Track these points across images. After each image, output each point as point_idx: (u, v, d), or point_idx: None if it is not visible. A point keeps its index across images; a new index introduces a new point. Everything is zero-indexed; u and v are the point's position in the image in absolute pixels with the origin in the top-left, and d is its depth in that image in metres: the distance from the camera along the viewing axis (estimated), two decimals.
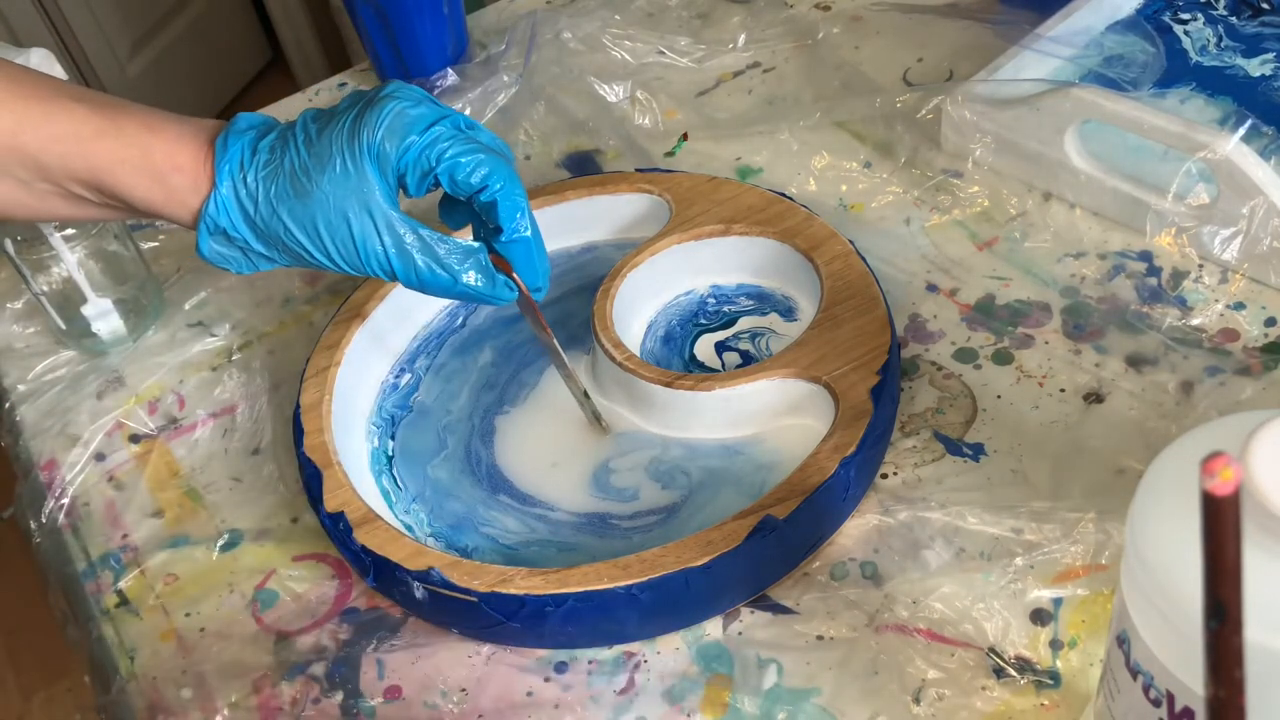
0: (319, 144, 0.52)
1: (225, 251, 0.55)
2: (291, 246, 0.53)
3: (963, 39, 0.82)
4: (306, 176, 0.52)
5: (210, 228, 0.53)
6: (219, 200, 0.52)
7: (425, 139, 0.52)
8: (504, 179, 0.54)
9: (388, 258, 0.53)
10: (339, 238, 0.52)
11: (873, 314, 0.62)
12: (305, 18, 2.20)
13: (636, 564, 0.53)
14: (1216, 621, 0.28)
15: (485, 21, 0.93)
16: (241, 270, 0.56)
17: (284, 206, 0.52)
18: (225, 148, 0.52)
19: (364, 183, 0.52)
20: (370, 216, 0.52)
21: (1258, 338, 0.62)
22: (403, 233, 0.53)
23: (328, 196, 0.52)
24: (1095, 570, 0.53)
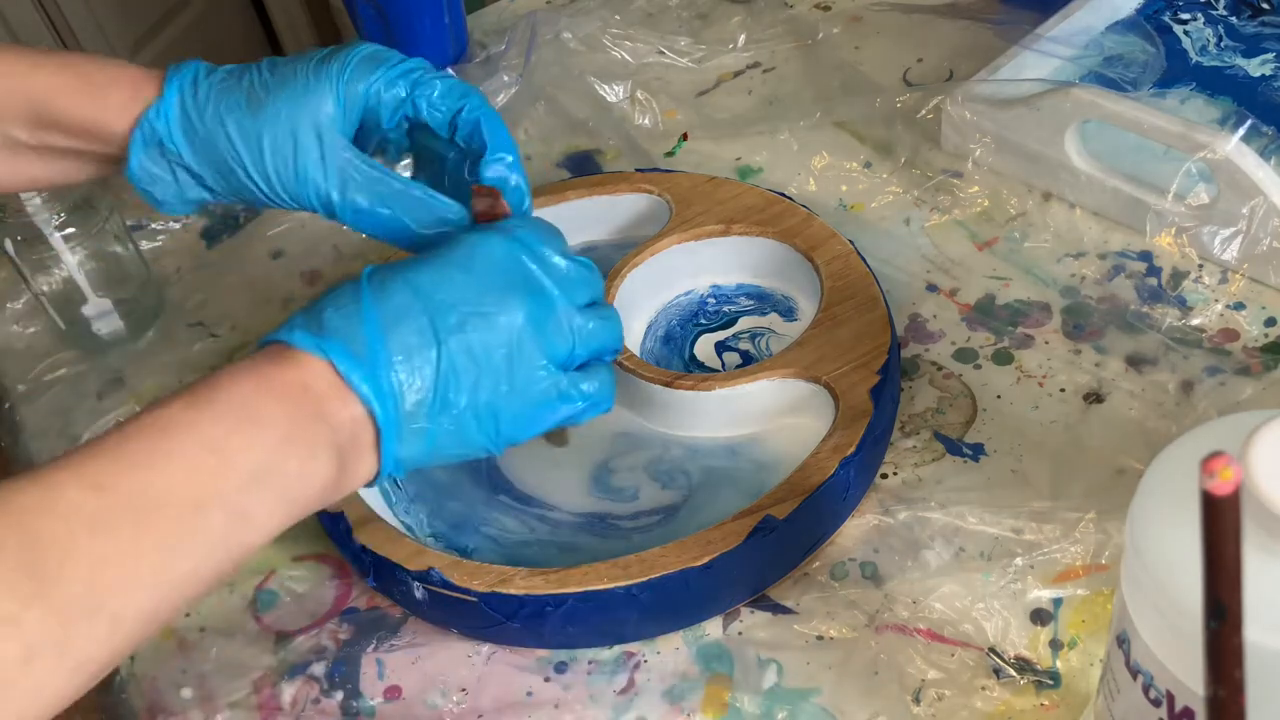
0: (283, 68, 0.50)
1: (154, 170, 0.51)
2: (230, 162, 0.50)
3: (963, 39, 0.82)
4: (265, 91, 0.49)
5: (145, 136, 0.50)
6: (162, 107, 0.49)
7: (397, 70, 0.51)
8: (482, 102, 0.52)
9: (326, 187, 0.50)
10: (281, 157, 0.49)
11: (873, 314, 0.62)
12: (305, 18, 2.20)
13: (636, 564, 0.53)
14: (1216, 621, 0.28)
15: (485, 21, 0.93)
16: (166, 200, 0.52)
17: (231, 117, 0.49)
18: (179, 67, 0.50)
19: (321, 106, 0.49)
20: (319, 140, 0.49)
21: (1258, 338, 0.62)
22: (348, 160, 0.50)
23: (279, 112, 0.49)
24: (1095, 570, 0.53)
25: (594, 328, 0.49)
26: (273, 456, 0.41)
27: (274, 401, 0.42)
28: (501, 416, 0.47)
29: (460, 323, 0.45)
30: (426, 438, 0.45)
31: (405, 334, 0.45)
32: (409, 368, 0.44)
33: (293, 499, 0.42)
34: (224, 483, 0.40)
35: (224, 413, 0.41)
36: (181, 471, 0.40)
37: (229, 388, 0.42)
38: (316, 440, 0.43)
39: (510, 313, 0.46)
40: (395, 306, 0.45)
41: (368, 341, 0.44)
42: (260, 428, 0.42)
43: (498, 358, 0.46)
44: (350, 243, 0.77)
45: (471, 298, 0.46)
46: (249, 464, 0.41)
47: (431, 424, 0.45)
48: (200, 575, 0.40)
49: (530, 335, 0.47)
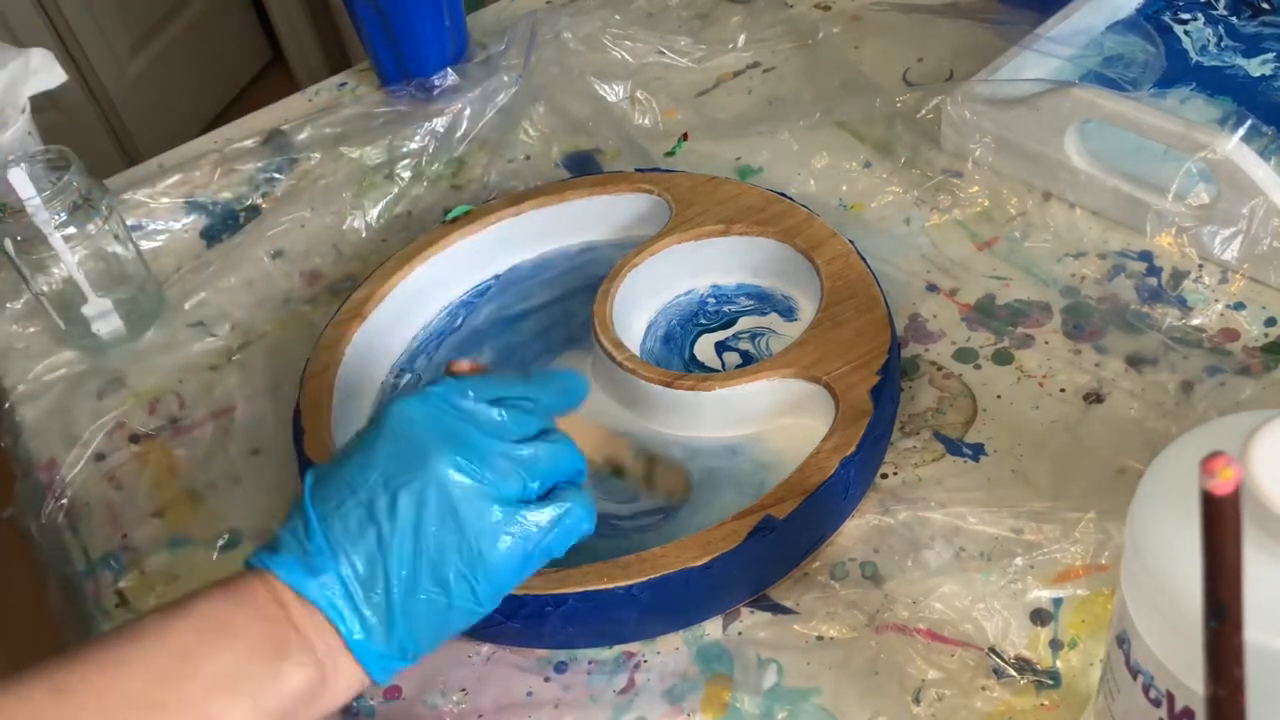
0: None
1: None
2: None
3: (963, 39, 0.82)
4: None
5: None
6: None
7: None
8: None
9: None
10: None
11: (873, 314, 0.62)
12: (305, 18, 2.20)
13: (636, 564, 0.53)
14: (1216, 621, 0.28)
15: (485, 21, 0.93)
16: None
17: None
18: None
19: None
20: None
21: (1258, 338, 0.62)
22: None
23: None
24: (1095, 570, 0.53)
25: (537, 454, 0.47)
26: (241, 663, 0.42)
27: (244, 611, 0.43)
28: (472, 574, 0.45)
29: (391, 501, 0.44)
30: (402, 622, 0.45)
31: (344, 530, 0.44)
32: (353, 563, 0.44)
33: (264, 707, 0.42)
34: (188, 687, 0.41)
35: (195, 623, 0.42)
36: (145, 675, 0.41)
37: (203, 601, 0.43)
38: (288, 647, 0.43)
39: (435, 470, 0.45)
40: (332, 508, 0.45)
41: (312, 551, 0.44)
42: (230, 636, 0.42)
43: (441, 521, 0.45)
44: (350, 243, 0.77)
45: (394, 471, 0.45)
46: (215, 669, 0.42)
47: (400, 608, 0.44)
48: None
49: (463, 484, 0.45)
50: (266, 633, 0.43)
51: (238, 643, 0.42)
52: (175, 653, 0.41)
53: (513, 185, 0.78)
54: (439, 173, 0.81)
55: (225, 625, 0.43)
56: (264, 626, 0.43)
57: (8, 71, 0.78)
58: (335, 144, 0.83)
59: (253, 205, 0.81)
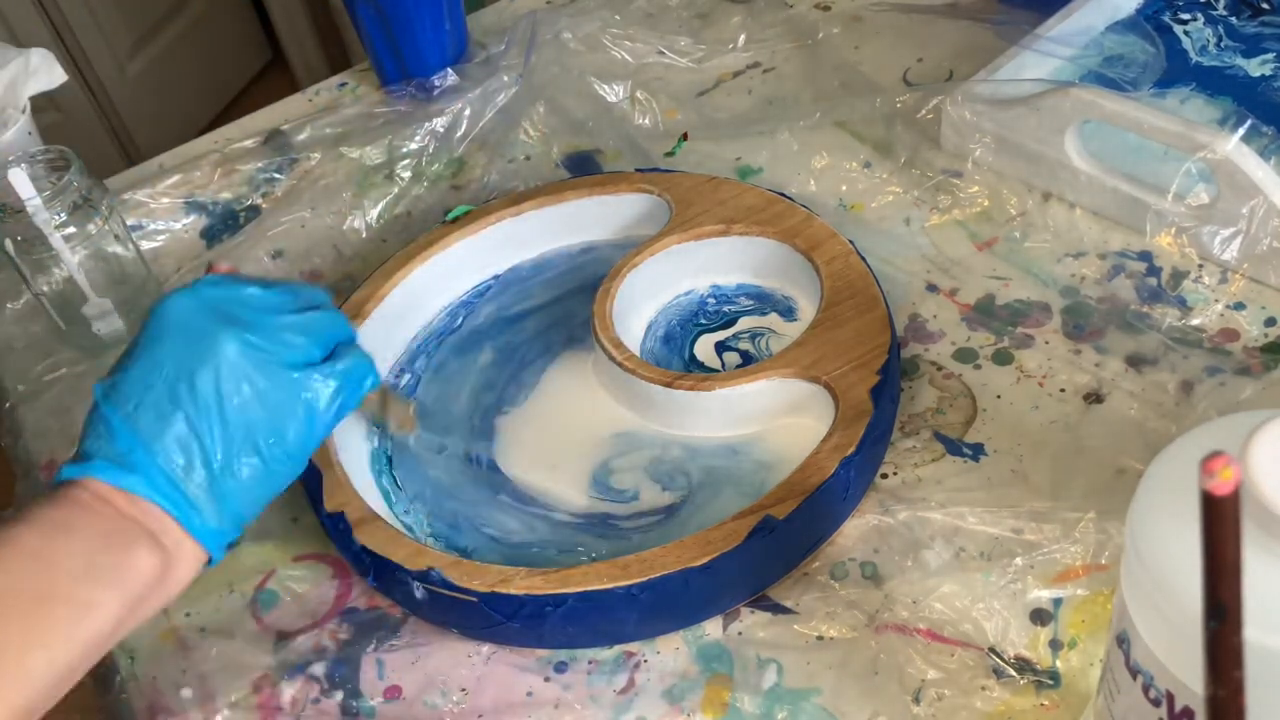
0: None
1: None
2: None
3: (963, 39, 0.82)
4: None
5: None
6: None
7: None
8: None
9: None
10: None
11: (873, 314, 0.62)
12: (305, 18, 2.20)
13: (636, 564, 0.53)
14: (1216, 621, 0.28)
15: (485, 21, 0.93)
16: None
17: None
18: None
19: None
20: None
21: (1258, 338, 0.62)
22: None
23: None
24: (1095, 570, 0.53)
25: (311, 319, 0.51)
26: (94, 554, 0.44)
27: (78, 514, 0.45)
28: (281, 437, 0.49)
29: (201, 383, 0.47)
30: (229, 497, 0.48)
31: (158, 424, 0.47)
32: (183, 452, 0.47)
33: (122, 585, 0.45)
34: (55, 580, 0.43)
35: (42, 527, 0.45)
36: (15, 575, 0.43)
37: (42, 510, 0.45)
38: (127, 535, 0.45)
39: (224, 350, 0.48)
40: (131, 408, 0.47)
41: (126, 449, 0.46)
42: (74, 533, 0.45)
43: (241, 395, 0.48)
44: (350, 243, 0.77)
45: (185, 360, 0.48)
46: (72, 563, 0.44)
47: (224, 484, 0.47)
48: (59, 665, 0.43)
49: (253, 356, 0.48)
50: (106, 528, 0.45)
51: (82, 539, 0.45)
52: (33, 553, 0.44)
53: (513, 185, 0.78)
54: (439, 173, 0.81)
55: (65, 527, 0.45)
56: (103, 523, 0.45)
57: (8, 71, 0.78)
58: (335, 144, 0.83)
59: (253, 205, 0.81)
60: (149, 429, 0.47)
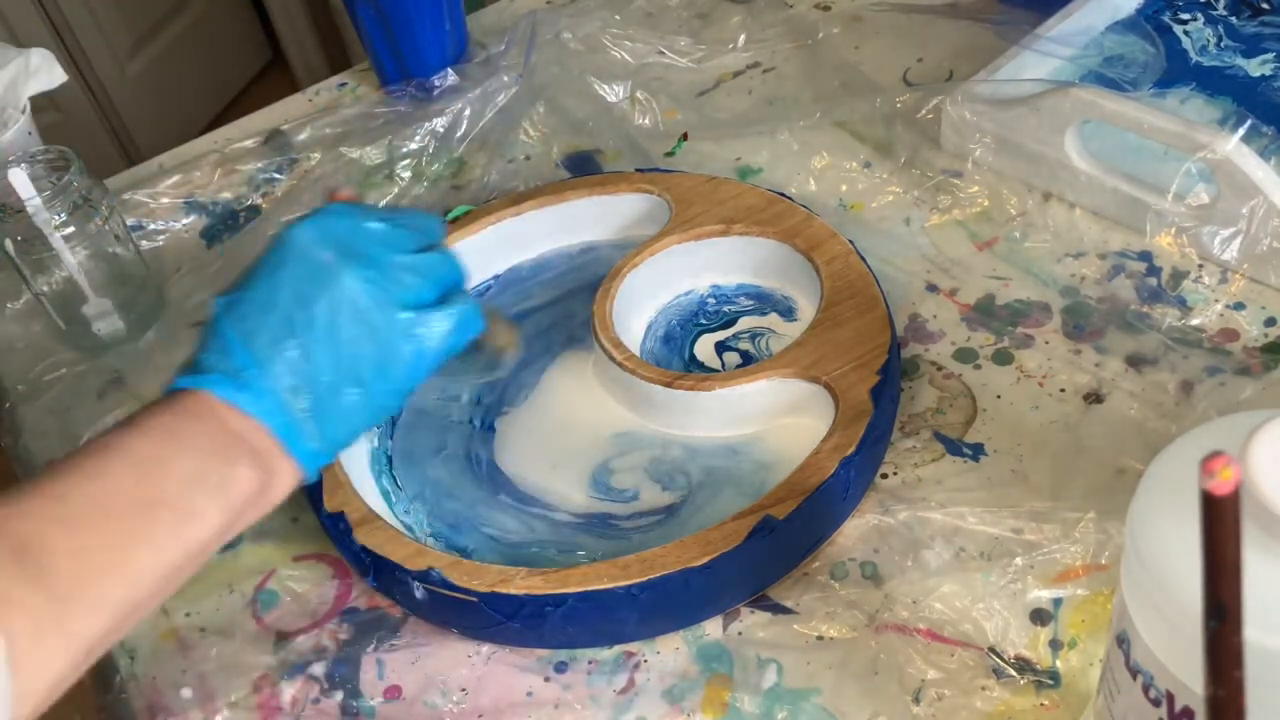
0: None
1: None
2: None
3: (963, 39, 0.82)
4: None
5: None
6: None
7: None
8: None
9: None
10: None
11: (873, 314, 0.62)
12: (305, 18, 2.20)
13: (636, 564, 0.53)
14: (1216, 621, 0.28)
15: (485, 21, 0.93)
16: None
17: None
18: None
19: None
20: None
21: (1257, 338, 0.62)
22: None
23: None
24: (1095, 570, 0.53)
25: (428, 261, 0.52)
26: (201, 465, 0.46)
27: (189, 424, 0.47)
28: (386, 373, 0.50)
29: (318, 313, 0.49)
30: (330, 423, 0.49)
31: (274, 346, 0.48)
32: (294, 376, 0.48)
33: (228, 499, 0.47)
34: (164, 486, 0.45)
35: (151, 436, 0.46)
36: (127, 479, 0.45)
37: (148, 419, 0.47)
38: (234, 451, 0.47)
39: (344, 284, 0.50)
40: (250, 328, 0.49)
41: (242, 367, 0.48)
42: (183, 443, 0.46)
43: (354, 328, 0.49)
44: None
45: (304, 289, 0.49)
46: (181, 471, 0.46)
47: (327, 410, 0.49)
48: (161, 567, 0.45)
49: (370, 293, 0.50)
50: (214, 441, 0.47)
51: (191, 449, 0.46)
52: (144, 460, 0.45)
53: (513, 185, 0.78)
54: (439, 173, 0.81)
55: (177, 436, 0.46)
56: (210, 436, 0.47)
57: (8, 71, 0.78)
58: (335, 144, 0.83)
59: (253, 205, 0.81)
60: (264, 350, 0.48)
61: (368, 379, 0.50)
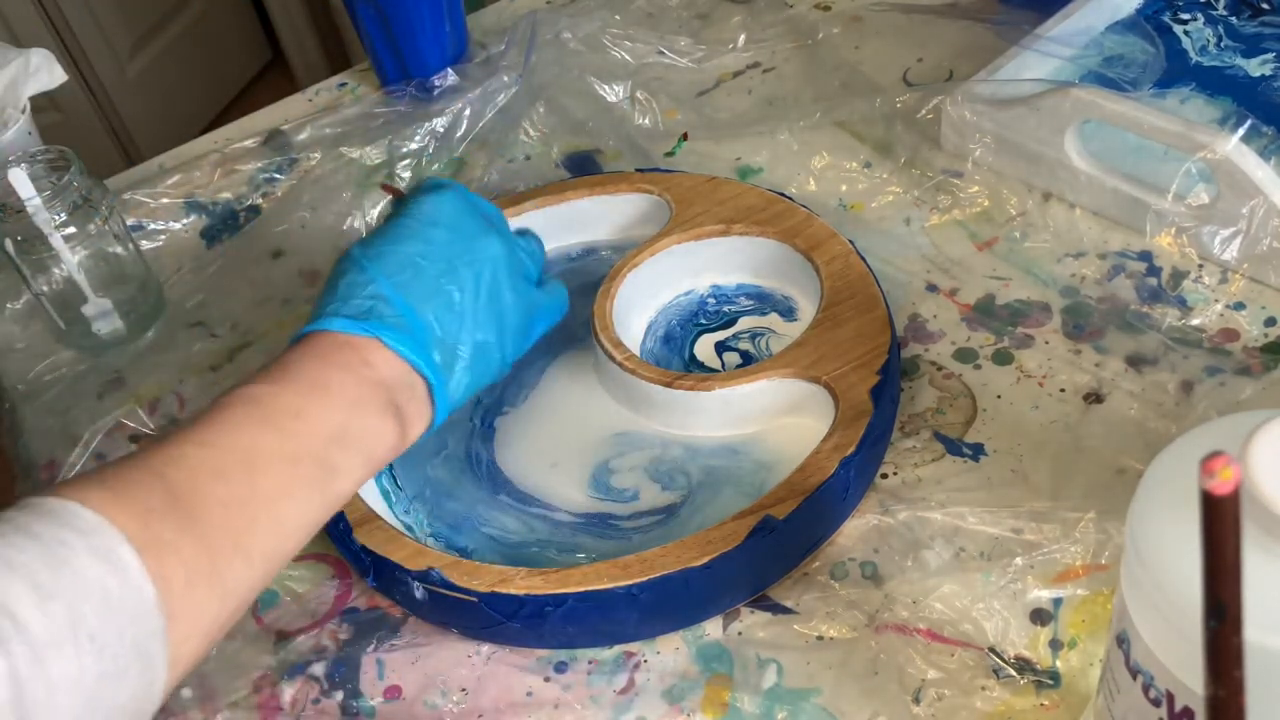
0: None
1: None
2: None
3: (963, 39, 0.82)
4: None
5: None
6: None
7: None
8: None
9: None
10: None
11: (873, 314, 0.62)
12: (305, 18, 2.20)
13: (636, 564, 0.53)
14: (1216, 621, 0.28)
15: (485, 21, 0.93)
16: None
17: None
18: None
19: None
20: None
21: (1258, 338, 0.62)
22: None
23: None
24: (1095, 570, 0.53)
25: (535, 248, 0.60)
26: (346, 418, 0.48)
27: (337, 373, 0.48)
28: (513, 335, 0.55)
29: (466, 275, 0.53)
30: (466, 377, 0.53)
31: (427, 301, 0.51)
32: (442, 330, 0.51)
33: (368, 452, 0.48)
34: (310, 441, 0.46)
35: (300, 386, 0.48)
36: (274, 431, 0.46)
37: (300, 366, 0.48)
38: (378, 402, 0.49)
39: (493, 251, 0.54)
40: (406, 280, 0.51)
41: (403, 316, 0.50)
42: (331, 395, 0.48)
43: (498, 292, 0.54)
44: (350, 243, 0.77)
45: (460, 250, 0.53)
46: (327, 425, 0.47)
47: (466, 368, 0.53)
48: (302, 520, 0.46)
49: (508, 264, 0.55)
50: (362, 392, 0.48)
51: (338, 400, 0.48)
52: (291, 412, 0.46)
53: (513, 185, 0.78)
54: (439, 173, 0.81)
55: (325, 387, 0.48)
56: (357, 387, 0.48)
57: (8, 71, 0.78)
58: (335, 144, 0.83)
59: (253, 205, 0.81)
60: (421, 302, 0.51)
61: (500, 340, 0.54)
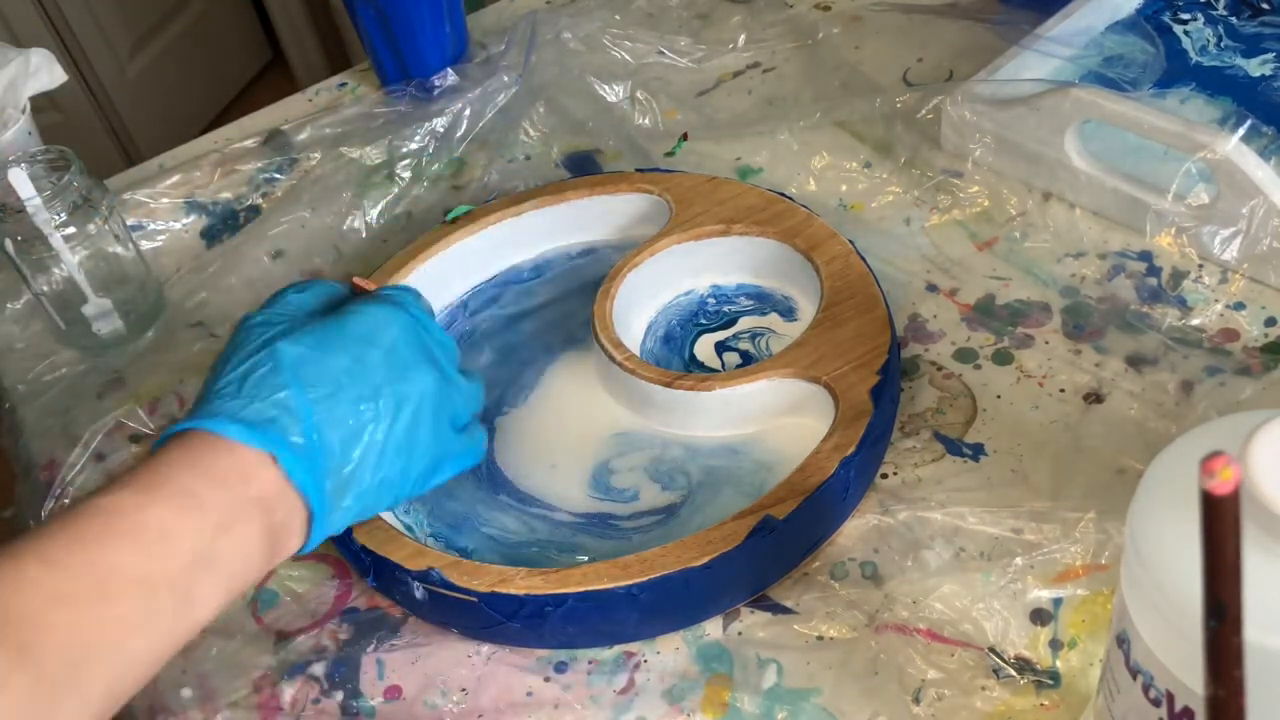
0: None
1: None
2: None
3: (963, 39, 0.82)
4: None
5: None
6: None
7: None
8: None
9: None
10: None
11: (873, 314, 0.62)
12: (305, 18, 2.20)
13: (636, 564, 0.53)
14: (1216, 621, 0.28)
15: (485, 21, 0.93)
16: None
17: None
18: None
19: None
20: None
21: (1258, 338, 0.62)
22: None
23: None
24: (1095, 570, 0.53)
25: (474, 389, 0.55)
26: (213, 541, 0.44)
27: (214, 489, 0.44)
28: (419, 473, 0.51)
29: (386, 405, 0.49)
30: (354, 509, 0.49)
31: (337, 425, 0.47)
32: (343, 457, 0.47)
33: (230, 579, 0.45)
34: (171, 565, 0.42)
35: (168, 498, 0.43)
36: (132, 551, 0.42)
37: (170, 475, 0.44)
38: (251, 524, 0.45)
39: (423, 385, 0.51)
40: (322, 395, 0.47)
41: (306, 436, 0.46)
42: (203, 513, 0.44)
43: (415, 428, 0.50)
44: (350, 243, 0.77)
45: (391, 376, 0.50)
46: (192, 548, 0.43)
47: (357, 500, 0.49)
48: (152, 654, 0.42)
49: (434, 401, 0.51)
50: (235, 511, 0.44)
51: (209, 520, 0.44)
52: (157, 531, 0.42)
53: (513, 185, 0.78)
54: (439, 173, 0.81)
55: (198, 503, 0.44)
56: (232, 504, 0.44)
57: (8, 71, 0.78)
58: (335, 144, 0.83)
59: (253, 205, 0.81)
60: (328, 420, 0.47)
61: (399, 483, 0.50)
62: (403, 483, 0.51)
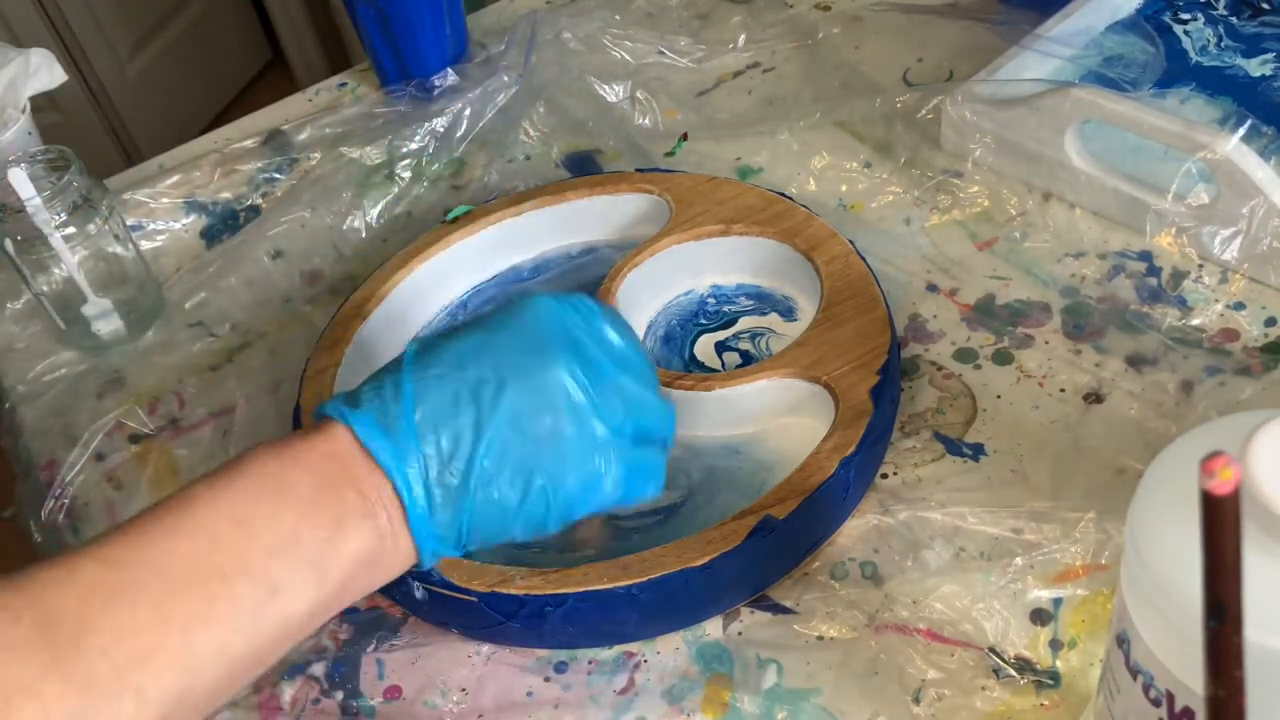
0: None
1: None
2: None
3: (963, 39, 0.82)
4: None
5: None
6: None
7: None
8: None
9: None
10: None
11: (873, 314, 0.62)
12: (305, 18, 2.20)
13: (636, 564, 0.53)
14: (1216, 621, 0.28)
15: (485, 21, 0.93)
16: None
17: None
18: None
19: None
20: None
21: (1258, 338, 0.62)
22: None
23: None
24: (1095, 570, 0.53)
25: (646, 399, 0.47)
26: (299, 523, 0.40)
27: (299, 470, 0.41)
28: (554, 485, 0.44)
29: (500, 386, 0.43)
30: (467, 511, 0.43)
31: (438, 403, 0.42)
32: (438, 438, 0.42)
33: (324, 569, 0.40)
34: (248, 552, 0.39)
35: (248, 485, 0.40)
36: (203, 542, 0.38)
37: (253, 462, 0.41)
38: (345, 507, 0.41)
39: (552, 371, 0.44)
40: (433, 376, 0.43)
41: (398, 415, 0.42)
42: (284, 495, 0.40)
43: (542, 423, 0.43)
44: (350, 243, 0.77)
45: (508, 362, 0.44)
46: (274, 534, 0.39)
47: (471, 500, 0.43)
48: (232, 651, 0.38)
49: (573, 394, 0.44)
50: (324, 490, 0.41)
51: (292, 502, 0.40)
52: (229, 519, 0.39)
53: (513, 185, 0.78)
54: (439, 173, 0.81)
55: (279, 486, 0.40)
56: (320, 483, 0.41)
57: (8, 71, 0.78)
58: (335, 144, 0.83)
59: (253, 205, 0.81)
60: (434, 407, 0.42)
61: (532, 483, 0.43)
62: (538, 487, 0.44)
